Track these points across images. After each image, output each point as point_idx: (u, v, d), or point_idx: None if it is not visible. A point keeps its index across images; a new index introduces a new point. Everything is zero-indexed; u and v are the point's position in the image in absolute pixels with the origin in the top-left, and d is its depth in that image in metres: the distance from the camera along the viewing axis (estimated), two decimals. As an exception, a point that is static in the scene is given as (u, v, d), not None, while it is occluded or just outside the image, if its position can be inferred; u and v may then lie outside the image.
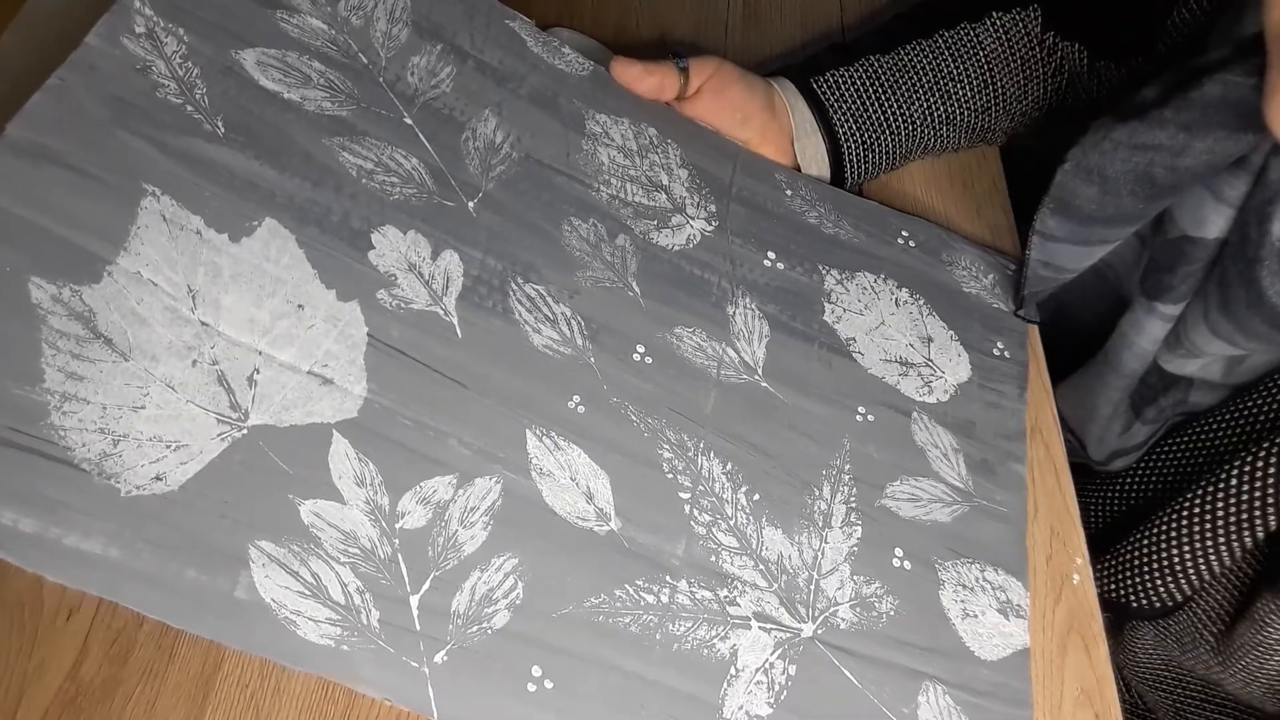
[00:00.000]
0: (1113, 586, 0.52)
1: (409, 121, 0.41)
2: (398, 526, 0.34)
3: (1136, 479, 0.54)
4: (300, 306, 0.36)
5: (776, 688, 0.37)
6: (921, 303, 0.49)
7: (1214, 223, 0.44)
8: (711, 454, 0.40)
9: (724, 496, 0.40)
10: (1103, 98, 0.53)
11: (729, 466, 0.40)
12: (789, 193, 0.49)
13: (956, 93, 0.51)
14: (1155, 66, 0.47)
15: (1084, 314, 0.57)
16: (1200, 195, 0.44)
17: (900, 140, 0.52)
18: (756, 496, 0.40)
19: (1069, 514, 0.46)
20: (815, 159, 0.51)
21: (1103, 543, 0.53)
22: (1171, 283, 0.47)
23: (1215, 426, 0.49)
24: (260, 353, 0.34)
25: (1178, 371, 0.50)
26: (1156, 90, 0.38)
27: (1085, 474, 0.58)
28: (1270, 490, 0.42)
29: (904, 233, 0.51)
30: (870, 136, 0.51)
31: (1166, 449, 0.53)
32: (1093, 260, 0.48)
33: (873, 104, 0.51)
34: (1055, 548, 0.45)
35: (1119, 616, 0.54)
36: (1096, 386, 0.53)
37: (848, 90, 0.51)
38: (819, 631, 0.38)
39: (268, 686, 0.35)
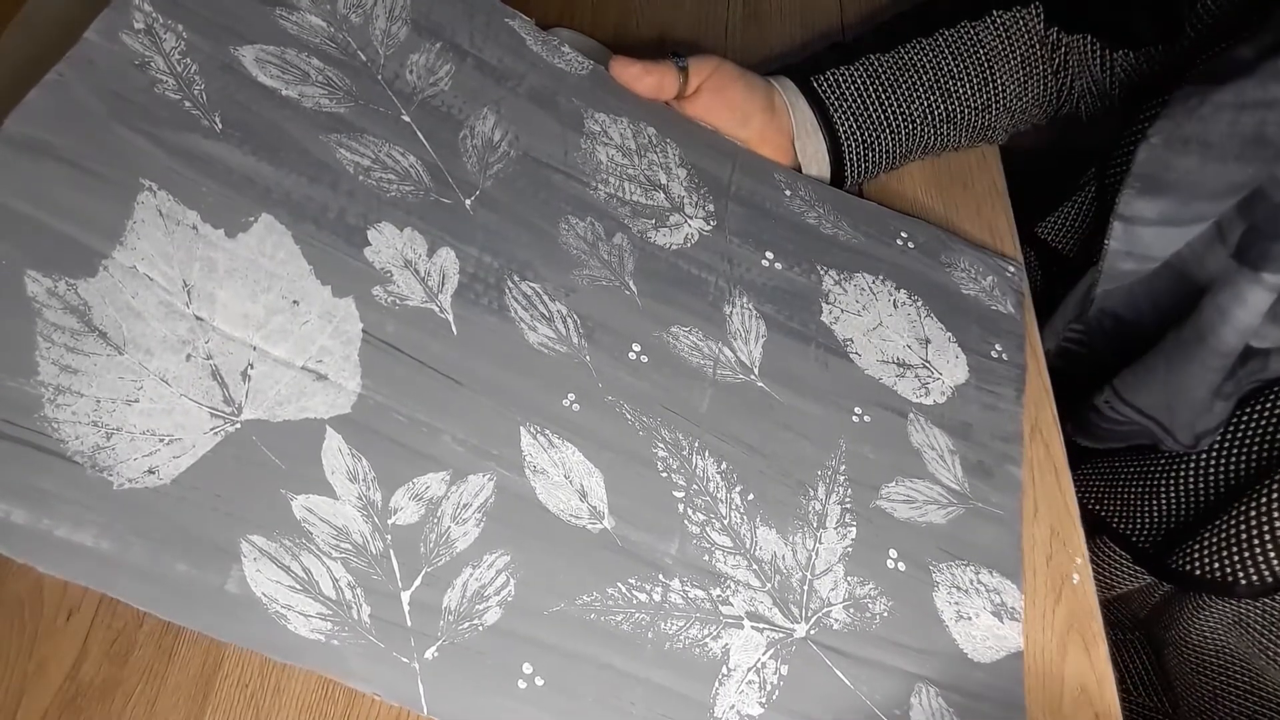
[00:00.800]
0: (1215, 565, 0.50)
1: (407, 119, 0.41)
2: (390, 522, 0.34)
3: (1219, 455, 0.52)
4: (295, 302, 0.36)
5: (768, 688, 0.37)
6: (920, 304, 0.48)
7: None
8: (706, 453, 0.40)
9: (718, 496, 0.40)
10: (1116, 88, 0.53)
11: (724, 466, 0.40)
12: (788, 193, 0.49)
13: (957, 91, 0.51)
14: (1215, 38, 0.45)
15: (1135, 305, 0.54)
16: None
17: (901, 139, 0.52)
18: (751, 496, 0.40)
19: (1069, 514, 0.46)
20: (816, 158, 0.51)
21: (1193, 526, 0.51)
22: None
23: None
24: (255, 348, 0.34)
25: (1260, 344, 0.48)
26: (1254, 49, 0.37)
27: (1150, 459, 0.56)
28: None
29: (903, 234, 0.51)
30: (871, 135, 0.51)
31: (1246, 418, 0.51)
32: (1183, 243, 0.46)
33: (873, 103, 0.51)
34: (1055, 548, 0.45)
35: (1221, 595, 0.52)
36: (1189, 370, 0.51)
37: (848, 89, 0.51)
38: (812, 632, 0.38)
39: (267, 686, 0.35)
